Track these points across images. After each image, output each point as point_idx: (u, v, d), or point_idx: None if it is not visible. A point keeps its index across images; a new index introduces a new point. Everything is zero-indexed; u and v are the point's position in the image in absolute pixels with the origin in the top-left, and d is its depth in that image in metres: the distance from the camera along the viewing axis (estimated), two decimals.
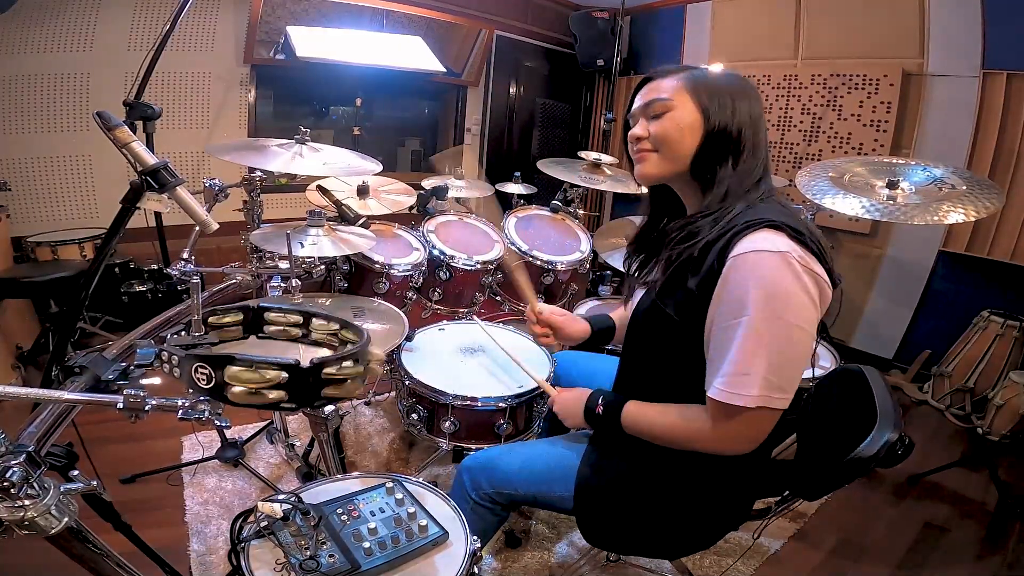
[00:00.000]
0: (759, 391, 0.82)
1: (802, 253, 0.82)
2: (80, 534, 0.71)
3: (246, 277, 1.60)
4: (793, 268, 0.81)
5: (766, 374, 0.82)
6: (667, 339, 0.96)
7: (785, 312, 0.81)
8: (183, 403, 0.72)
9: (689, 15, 3.94)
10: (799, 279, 0.81)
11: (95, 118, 0.87)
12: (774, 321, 0.81)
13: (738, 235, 0.85)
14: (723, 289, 0.85)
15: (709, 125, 0.92)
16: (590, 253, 2.25)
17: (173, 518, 1.67)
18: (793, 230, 0.83)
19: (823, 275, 0.84)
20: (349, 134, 4.10)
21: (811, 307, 0.83)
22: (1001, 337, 2.52)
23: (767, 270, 0.81)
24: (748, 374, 0.82)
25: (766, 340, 0.81)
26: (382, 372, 0.83)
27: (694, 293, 0.88)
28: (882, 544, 1.81)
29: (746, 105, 0.93)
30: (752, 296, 0.81)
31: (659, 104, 0.96)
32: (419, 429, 1.52)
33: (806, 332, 0.83)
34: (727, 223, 0.88)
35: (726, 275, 0.84)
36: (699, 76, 0.96)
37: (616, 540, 1.12)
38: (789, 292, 0.81)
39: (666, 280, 0.94)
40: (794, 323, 0.82)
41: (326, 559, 0.79)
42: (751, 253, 0.82)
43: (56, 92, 2.81)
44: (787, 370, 0.84)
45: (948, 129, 2.78)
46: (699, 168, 0.95)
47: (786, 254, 0.81)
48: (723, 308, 0.85)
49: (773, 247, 0.82)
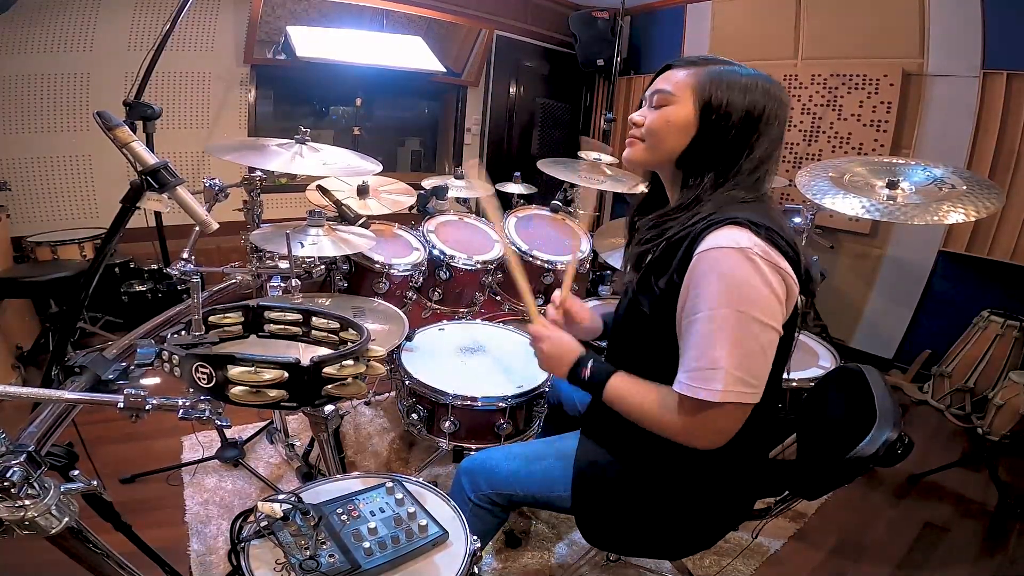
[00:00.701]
0: (723, 385, 0.82)
1: (765, 248, 0.83)
2: (80, 534, 0.71)
3: (246, 277, 1.60)
4: (753, 262, 0.82)
5: (729, 368, 0.82)
6: (644, 336, 0.97)
7: (745, 305, 0.81)
8: (183, 403, 0.72)
9: (689, 15, 3.94)
10: (760, 272, 0.82)
11: (95, 118, 0.87)
12: (734, 315, 0.81)
13: (702, 232, 0.86)
14: (687, 285, 0.86)
15: (701, 130, 0.92)
16: (590, 253, 2.25)
17: (173, 518, 1.67)
18: (756, 225, 0.83)
19: (788, 270, 0.84)
20: (349, 134, 4.10)
21: (773, 300, 0.83)
22: (1001, 337, 2.52)
23: (727, 265, 0.82)
24: (712, 368, 0.82)
25: (728, 334, 0.82)
26: (383, 371, 0.82)
27: (663, 290, 0.90)
28: (882, 544, 1.81)
29: (756, 113, 0.90)
30: (712, 290, 0.82)
31: (661, 96, 0.96)
32: (419, 429, 1.52)
33: (768, 326, 0.83)
34: (694, 221, 0.89)
35: (690, 272, 0.85)
36: (715, 75, 0.92)
37: (617, 540, 1.12)
38: (750, 285, 0.82)
39: (640, 277, 0.96)
40: (755, 316, 0.82)
41: (326, 559, 0.79)
42: (712, 249, 0.83)
43: (56, 92, 2.81)
44: (750, 364, 0.83)
45: (948, 129, 2.78)
46: (685, 167, 0.96)
47: (747, 249, 0.82)
48: (687, 304, 0.86)
49: (734, 243, 0.82)
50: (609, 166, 2.44)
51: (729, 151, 0.92)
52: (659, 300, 0.91)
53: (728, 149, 0.91)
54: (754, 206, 0.90)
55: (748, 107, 0.90)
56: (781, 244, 0.84)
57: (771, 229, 0.84)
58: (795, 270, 0.86)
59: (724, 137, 0.91)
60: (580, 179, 2.34)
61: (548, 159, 2.46)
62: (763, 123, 0.91)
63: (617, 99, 4.30)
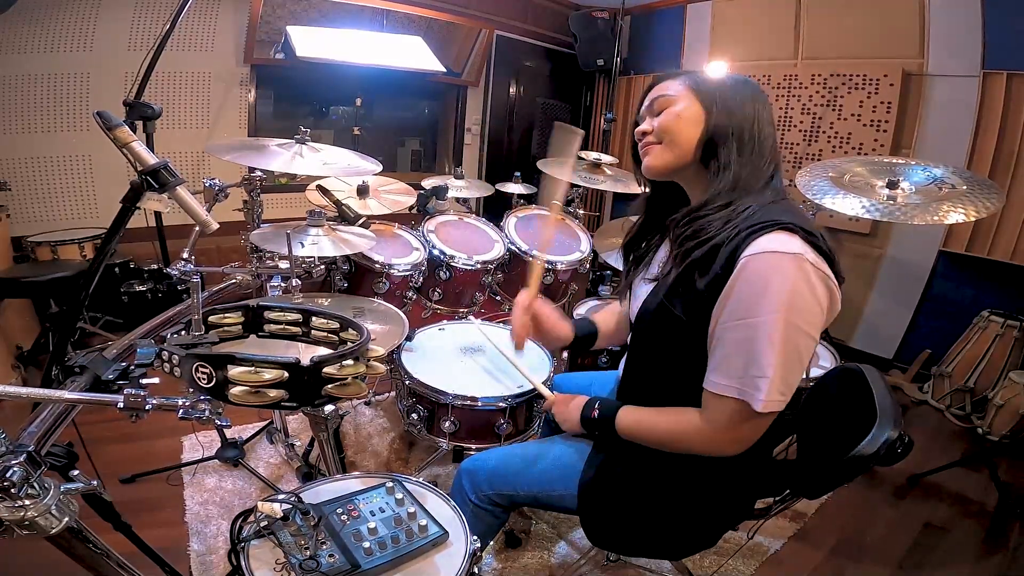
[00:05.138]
0: (767, 395, 0.82)
1: (815, 257, 0.82)
2: (80, 534, 0.71)
3: (246, 277, 1.60)
4: (806, 272, 0.80)
5: (775, 378, 0.81)
6: (674, 339, 0.94)
7: (795, 315, 0.80)
8: (183, 403, 0.72)
9: (689, 15, 3.94)
10: (811, 284, 0.81)
11: (95, 118, 0.87)
12: (787, 326, 0.80)
13: (751, 235, 0.83)
14: (733, 288, 0.83)
15: (712, 118, 0.93)
16: (590, 253, 2.25)
17: (173, 518, 1.67)
18: (806, 232, 0.83)
19: (834, 280, 0.84)
20: (349, 134, 4.10)
21: (820, 314, 0.83)
22: (1001, 337, 2.52)
23: (782, 273, 0.80)
24: (762, 376, 0.82)
25: (778, 343, 0.80)
26: (383, 371, 0.82)
27: (703, 293, 0.87)
28: (882, 544, 1.81)
29: (750, 105, 0.94)
30: (767, 298, 0.80)
31: (662, 100, 0.98)
32: (419, 429, 1.52)
33: (812, 339, 0.83)
34: (739, 222, 0.86)
35: (737, 274, 0.83)
36: (702, 77, 0.98)
37: (621, 542, 1.12)
38: (801, 295, 0.81)
39: (675, 279, 0.92)
40: (804, 329, 0.81)
41: (326, 559, 0.79)
42: (766, 254, 0.81)
43: (56, 92, 2.81)
44: (791, 374, 0.83)
45: (948, 129, 2.78)
46: (706, 155, 0.95)
47: (800, 256, 0.80)
48: (733, 307, 0.83)
49: (788, 249, 0.81)
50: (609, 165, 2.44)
51: (739, 134, 0.92)
52: (695, 302, 0.89)
53: (738, 132, 0.92)
54: (784, 204, 0.91)
55: (739, 95, 0.94)
56: (825, 250, 0.84)
57: (816, 235, 0.84)
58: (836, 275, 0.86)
59: (730, 126, 0.92)
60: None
61: (548, 159, 2.46)
62: (760, 117, 0.94)
63: (617, 99, 4.30)
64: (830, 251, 0.85)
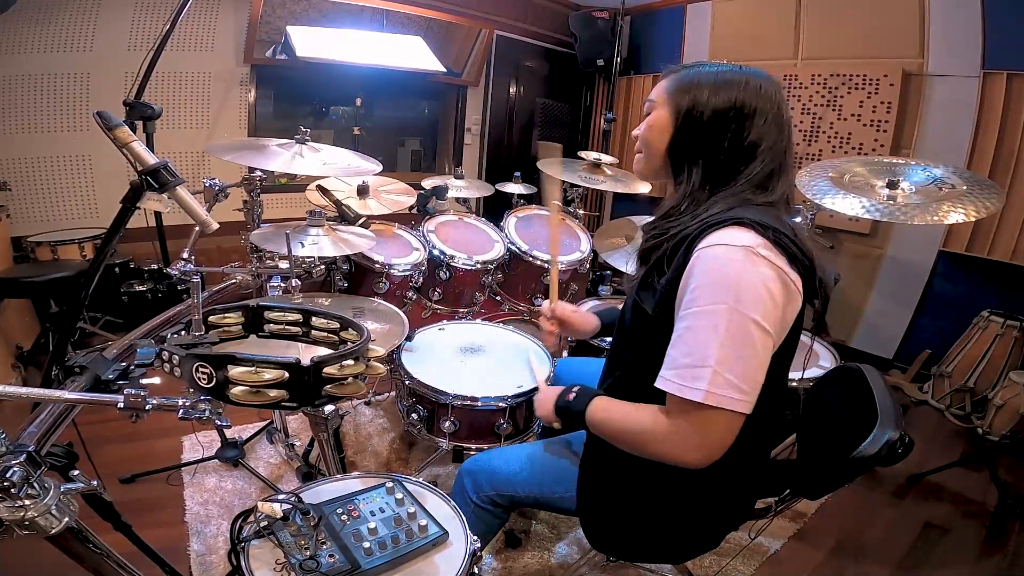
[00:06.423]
0: (708, 385, 0.77)
1: (769, 251, 0.80)
2: (80, 534, 0.71)
3: (246, 277, 1.60)
4: (753, 261, 0.79)
5: (718, 368, 0.77)
6: (646, 336, 0.94)
7: (742, 304, 0.78)
8: (183, 403, 0.72)
9: (689, 15, 3.94)
10: (762, 275, 0.79)
11: (95, 118, 0.87)
12: (732, 314, 0.77)
13: (705, 231, 0.84)
14: (685, 282, 0.84)
15: (676, 125, 0.93)
16: (590, 253, 2.25)
17: (173, 518, 1.67)
18: (762, 226, 0.81)
19: (791, 274, 0.82)
20: (349, 134, 4.10)
21: (769, 302, 0.79)
22: (1001, 337, 2.52)
23: (725, 262, 0.80)
24: (700, 366, 0.78)
25: (720, 332, 0.78)
26: (383, 371, 0.82)
27: (665, 288, 0.88)
28: (882, 544, 1.81)
29: (729, 107, 0.89)
30: (708, 287, 0.80)
31: (648, 105, 0.99)
32: (419, 429, 1.52)
33: (763, 329, 0.79)
34: (700, 220, 0.87)
35: (690, 268, 0.83)
36: (683, 75, 0.95)
37: (624, 547, 1.11)
38: (752, 288, 0.78)
39: (643, 277, 0.96)
40: (751, 317, 0.78)
41: (326, 559, 0.79)
42: (716, 246, 0.81)
43: (56, 92, 2.81)
44: (742, 367, 0.78)
45: (948, 129, 2.78)
46: (672, 165, 0.96)
47: (748, 248, 0.79)
48: (685, 299, 0.83)
49: (737, 242, 0.80)
50: (609, 166, 2.44)
51: (707, 145, 0.91)
52: (661, 299, 0.89)
53: (706, 143, 0.91)
54: (764, 209, 0.88)
55: (721, 102, 0.89)
56: (790, 248, 0.82)
57: (779, 231, 0.81)
58: (805, 278, 0.84)
59: (698, 131, 0.91)
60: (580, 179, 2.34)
61: (548, 159, 2.46)
62: (743, 118, 0.89)
63: (617, 99, 4.30)
64: (800, 251, 0.83)
